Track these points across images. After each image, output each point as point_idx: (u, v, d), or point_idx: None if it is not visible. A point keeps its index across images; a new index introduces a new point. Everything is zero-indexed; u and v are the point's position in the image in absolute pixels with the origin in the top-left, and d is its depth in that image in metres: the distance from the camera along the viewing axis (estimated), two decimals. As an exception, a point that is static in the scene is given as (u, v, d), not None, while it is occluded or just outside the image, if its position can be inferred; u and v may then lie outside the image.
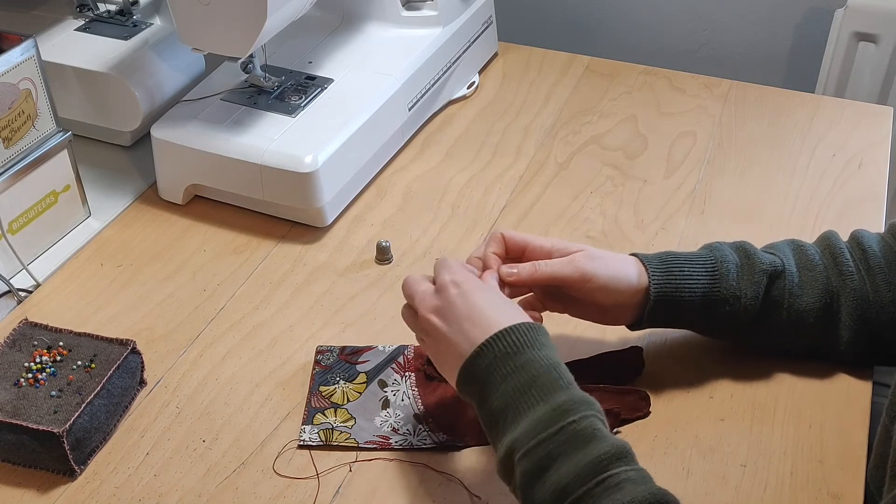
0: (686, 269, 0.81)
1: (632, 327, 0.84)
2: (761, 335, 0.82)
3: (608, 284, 0.79)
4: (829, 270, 0.82)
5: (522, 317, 0.72)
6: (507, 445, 0.66)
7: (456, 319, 0.72)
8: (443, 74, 1.18)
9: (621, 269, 0.80)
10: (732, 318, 0.81)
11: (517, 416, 0.67)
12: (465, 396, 0.72)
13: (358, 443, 0.80)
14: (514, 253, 0.81)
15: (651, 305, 0.80)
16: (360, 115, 1.05)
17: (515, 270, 0.79)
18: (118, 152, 1.16)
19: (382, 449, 0.79)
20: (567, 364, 0.83)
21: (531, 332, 0.70)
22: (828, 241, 0.84)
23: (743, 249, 0.82)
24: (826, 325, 0.81)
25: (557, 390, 0.67)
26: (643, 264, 0.81)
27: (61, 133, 0.99)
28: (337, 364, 0.87)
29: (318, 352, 0.88)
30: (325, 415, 0.82)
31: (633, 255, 0.83)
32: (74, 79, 1.11)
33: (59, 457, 0.77)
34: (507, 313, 0.72)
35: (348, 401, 0.83)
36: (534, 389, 0.67)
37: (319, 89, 1.08)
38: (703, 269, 0.81)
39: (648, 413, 0.81)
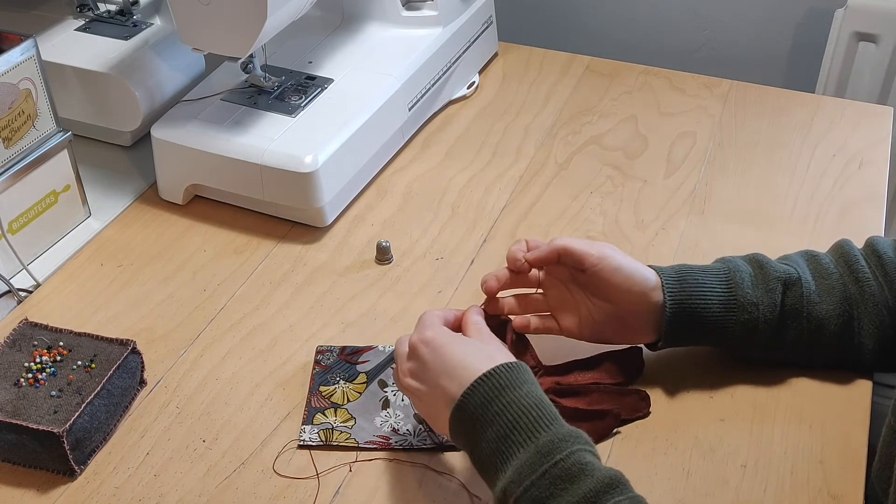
0: (700, 279, 0.80)
1: (652, 347, 0.83)
2: (785, 347, 0.81)
3: (623, 269, 0.79)
4: (846, 277, 0.81)
5: (503, 357, 0.72)
6: (499, 492, 0.66)
7: (432, 378, 0.72)
8: (443, 74, 1.18)
9: (637, 265, 0.81)
10: (752, 327, 0.80)
11: (504, 462, 0.67)
12: (462, 447, 0.72)
13: (358, 443, 0.80)
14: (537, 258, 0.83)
15: (668, 316, 0.79)
16: (360, 115, 1.05)
17: (538, 250, 0.80)
18: (118, 152, 1.16)
19: (382, 449, 0.79)
20: (567, 364, 0.84)
21: (509, 372, 0.69)
22: (842, 250, 0.84)
23: (756, 260, 0.82)
24: (848, 332, 0.81)
25: (540, 430, 0.66)
26: (657, 274, 0.81)
27: (61, 133, 0.99)
28: (337, 364, 0.87)
29: (318, 352, 0.88)
30: (325, 415, 0.82)
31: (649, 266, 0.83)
32: (74, 79, 1.11)
33: (59, 457, 0.77)
34: (485, 359, 0.71)
35: (348, 401, 0.83)
36: (516, 433, 0.67)
37: (319, 89, 1.08)
38: (717, 279, 0.80)
39: (648, 413, 0.81)
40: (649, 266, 0.82)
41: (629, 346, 0.85)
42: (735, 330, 0.80)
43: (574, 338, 0.83)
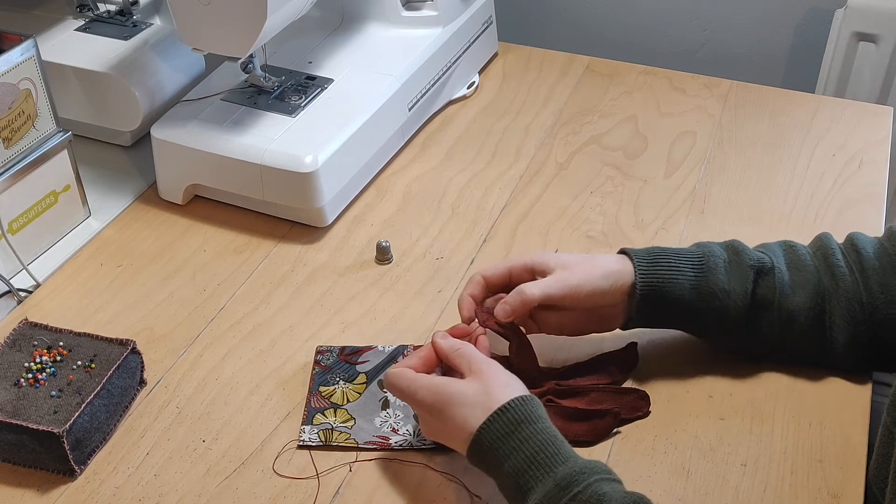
0: (674, 261, 0.81)
1: (624, 326, 0.84)
2: (755, 337, 0.82)
3: (599, 287, 0.80)
4: (821, 271, 0.82)
5: (517, 391, 0.72)
6: None
7: (441, 431, 0.75)
8: (443, 74, 1.18)
9: (606, 266, 0.81)
10: (723, 313, 0.80)
11: (525, 496, 0.68)
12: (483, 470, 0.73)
13: (357, 443, 0.80)
14: (497, 287, 0.82)
15: (639, 298, 0.80)
16: (360, 115, 1.05)
17: (508, 307, 0.79)
18: (118, 152, 1.16)
19: (382, 449, 0.79)
20: (567, 368, 0.84)
21: (524, 405, 0.70)
22: (820, 243, 0.84)
23: (732, 247, 0.83)
24: (819, 326, 0.81)
25: (556, 465, 0.68)
26: (630, 258, 0.81)
27: (61, 133, 0.99)
28: (337, 364, 0.87)
29: (318, 352, 0.88)
30: (324, 415, 0.82)
31: (621, 250, 0.83)
32: (74, 79, 1.11)
33: (59, 457, 0.77)
34: (487, 403, 0.71)
35: (348, 401, 0.83)
36: (534, 468, 0.68)
37: (319, 89, 1.08)
38: (691, 263, 0.81)
39: (648, 413, 0.81)
40: (623, 249, 0.83)
41: (626, 344, 0.85)
42: (707, 315, 0.81)
43: (554, 334, 0.84)
